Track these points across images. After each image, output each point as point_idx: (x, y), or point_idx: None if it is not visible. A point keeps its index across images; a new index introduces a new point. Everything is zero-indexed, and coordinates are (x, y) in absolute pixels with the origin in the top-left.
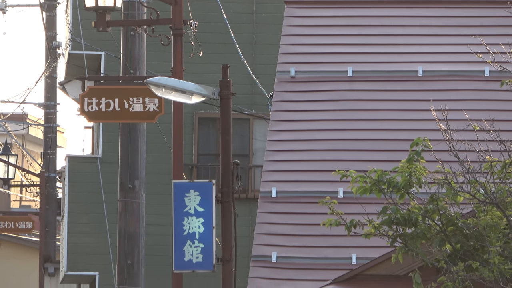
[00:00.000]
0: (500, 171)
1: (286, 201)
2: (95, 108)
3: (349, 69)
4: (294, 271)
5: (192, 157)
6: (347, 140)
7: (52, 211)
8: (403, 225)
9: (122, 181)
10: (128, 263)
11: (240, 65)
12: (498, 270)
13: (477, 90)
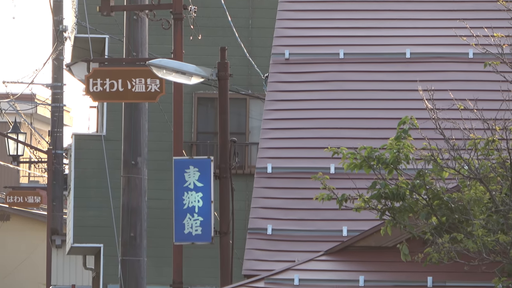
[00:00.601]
0: (484, 148)
1: (281, 177)
2: (99, 88)
3: (341, 51)
4: (288, 243)
5: (191, 135)
6: (339, 119)
7: (59, 186)
8: (392, 199)
9: (125, 158)
10: (131, 236)
11: (237, 47)
12: (481, 242)
13: (462, 71)
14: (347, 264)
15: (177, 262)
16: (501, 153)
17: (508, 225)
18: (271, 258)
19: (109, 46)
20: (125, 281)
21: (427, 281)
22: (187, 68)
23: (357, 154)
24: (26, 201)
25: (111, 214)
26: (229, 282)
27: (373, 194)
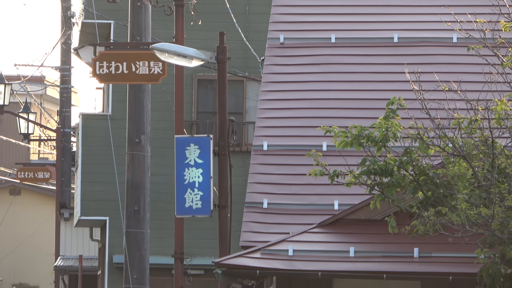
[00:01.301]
0: (467, 127)
1: (276, 154)
2: (105, 71)
3: (332, 36)
4: (283, 216)
5: (192, 115)
6: (331, 100)
7: (67, 163)
8: (380, 175)
9: (130, 136)
10: (135, 209)
11: (235, 32)
12: (465, 215)
13: (446, 55)
14: (338, 236)
15: (178, 234)
16: (483, 131)
17: (490, 200)
18: (267, 230)
19: (114, 31)
20: (129, 252)
21: (414, 252)
22: (188, 51)
23: (348, 133)
24: (36, 176)
25: (116, 189)
26: (227, 252)
27: (363, 170)
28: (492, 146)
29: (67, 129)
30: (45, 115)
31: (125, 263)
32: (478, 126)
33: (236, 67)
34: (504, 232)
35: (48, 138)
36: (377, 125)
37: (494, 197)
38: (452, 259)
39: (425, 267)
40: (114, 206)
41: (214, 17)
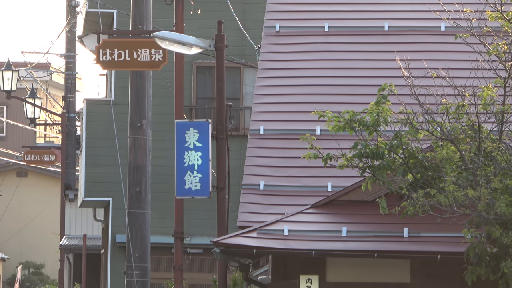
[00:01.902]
0: (454, 112)
1: (272, 138)
2: (108, 58)
3: (326, 24)
4: (278, 197)
5: (191, 100)
6: (324, 86)
7: (72, 146)
8: (372, 158)
9: (132, 120)
10: (137, 191)
11: (233, 21)
12: (452, 197)
13: (435, 43)
14: (331, 217)
15: (178, 215)
16: (470, 116)
17: (476, 182)
18: (263, 211)
19: (117, 20)
20: (131, 232)
21: (404, 232)
22: (187, 39)
23: (340, 117)
24: (42, 159)
25: (119, 171)
26: (225, 232)
27: (355, 153)
28: (478, 130)
29: (71, 113)
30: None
31: (127, 242)
32: (465, 111)
33: (233, 54)
34: (490, 213)
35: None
36: (369, 110)
37: (481, 179)
38: (440, 238)
39: (414, 246)
40: (117, 187)
41: (212, 7)
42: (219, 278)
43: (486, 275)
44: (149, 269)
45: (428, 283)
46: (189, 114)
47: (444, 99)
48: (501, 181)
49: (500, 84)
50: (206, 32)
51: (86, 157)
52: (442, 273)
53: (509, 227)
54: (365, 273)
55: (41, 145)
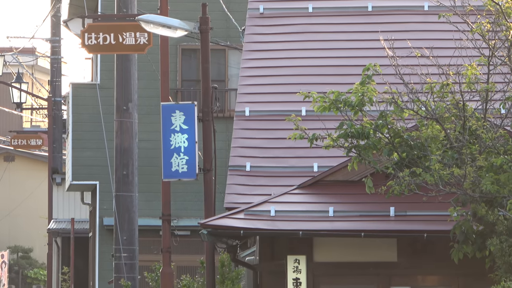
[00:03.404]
0: (439, 91)
1: (257, 119)
2: (94, 42)
3: (310, 5)
4: (265, 178)
5: (176, 83)
6: (309, 67)
7: (59, 130)
8: (357, 138)
9: (118, 104)
10: (124, 174)
11: (217, 3)
12: (438, 175)
13: (418, 22)
14: (318, 197)
15: (165, 197)
16: (455, 95)
17: (462, 160)
18: (250, 192)
19: (101, 4)
20: (119, 214)
21: (390, 211)
22: (172, 22)
23: (326, 98)
24: (29, 143)
25: (105, 154)
26: (212, 214)
27: (340, 133)
28: (463, 109)
29: (57, 98)
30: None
31: (115, 225)
32: (449, 90)
33: (218, 36)
34: (476, 191)
35: (40, 107)
36: (354, 90)
37: (466, 158)
38: (426, 217)
39: (400, 225)
40: (104, 170)
41: None
42: (207, 259)
43: (473, 253)
44: (137, 252)
45: (415, 262)
46: (175, 96)
47: (429, 78)
48: (486, 159)
49: (484, 62)
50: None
51: (73, 141)
52: (429, 252)
53: (495, 204)
54: (352, 253)
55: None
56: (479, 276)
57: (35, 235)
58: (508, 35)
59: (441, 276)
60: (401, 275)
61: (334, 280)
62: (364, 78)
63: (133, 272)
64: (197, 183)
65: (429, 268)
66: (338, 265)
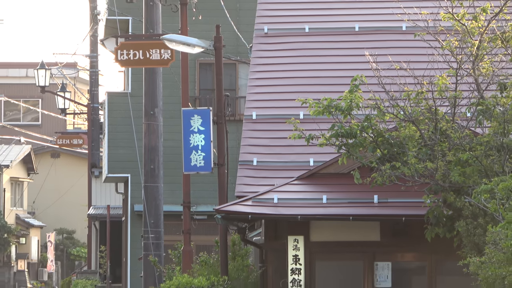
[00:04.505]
0: (415, 98)
1: (263, 122)
2: (125, 57)
3: (306, 26)
4: (269, 171)
5: (195, 91)
6: (306, 77)
7: (96, 131)
8: (346, 137)
9: (146, 109)
10: (151, 168)
11: (229, 25)
12: (414, 168)
13: (397, 40)
14: (314, 187)
15: (186, 187)
16: (428, 101)
17: (434, 155)
18: (257, 183)
19: (132, 25)
20: (147, 202)
21: (374, 199)
22: (191, 41)
23: (320, 104)
24: (72, 143)
25: (136, 151)
26: (225, 201)
27: (332, 133)
28: (435, 113)
29: (95, 104)
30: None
31: (144, 211)
32: (423, 97)
33: (229, 52)
34: (446, 182)
35: (81, 112)
36: (344, 97)
37: (437, 154)
38: (404, 203)
39: (383, 210)
40: (134, 165)
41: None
42: (221, 239)
43: (443, 233)
44: (162, 233)
45: (395, 241)
46: (194, 103)
47: (406, 87)
48: (455, 154)
49: (452, 74)
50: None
51: (109, 140)
52: (407, 232)
53: (462, 193)
54: (342, 233)
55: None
56: (449, 253)
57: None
58: (472, 51)
59: (416, 253)
60: (383, 252)
61: (327, 257)
62: (352, 87)
63: (159, 250)
64: (212, 176)
65: (406, 246)
66: (331, 244)
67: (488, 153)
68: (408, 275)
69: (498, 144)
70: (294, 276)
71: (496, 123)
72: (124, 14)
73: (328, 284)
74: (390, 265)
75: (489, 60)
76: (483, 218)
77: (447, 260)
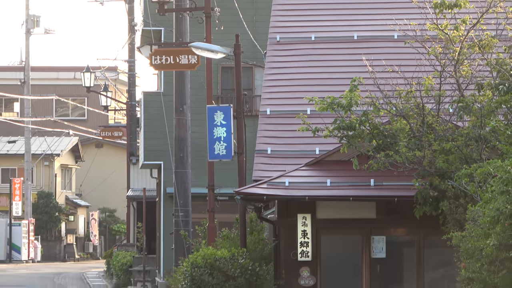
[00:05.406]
0: (405, 96)
1: (276, 116)
2: (158, 62)
3: (312, 35)
4: (281, 159)
5: (218, 91)
6: (312, 79)
7: (134, 125)
8: (347, 129)
9: (176, 106)
10: (181, 156)
11: (246, 34)
12: (405, 156)
13: (390, 47)
14: (319, 172)
15: (210, 172)
16: (416, 99)
17: (422, 145)
18: (270, 169)
19: (164, 35)
20: (177, 185)
21: (370, 182)
22: (215, 48)
23: (324, 101)
24: (113, 135)
25: (167, 142)
26: (244, 184)
27: (335, 126)
28: (422, 109)
29: (133, 102)
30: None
31: (174, 193)
32: (412, 96)
33: (247, 58)
34: (432, 167)
35: (120, 109)
36: (344, 95)
37: (425, 144)
38: (397, 186)
39: (378, 192)
40: (166, 154)
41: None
42: (240, 217)
43: (430, 211)
44: (190, 212)
45: (388, 218)
46: (217, 101)
47: (398, 87)
48: (439, 144)
49: (437, 75)
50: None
51: (144, 132)
52: (398, 211)
53: (445, 177)
54: (344, 212)
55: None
56: (434, 229)
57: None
58: (454, 56)
59: (407, 228)
60: (378, 228)
61: (331, 232)
62: (351, 87)
63: (188, 226)
64: (232, 162)
65: (398, 223)
66: (334, 221)
67: (468, 143)
68: (400, 247)
69: (476, 136)
70: (303, 248)
71: (474, 118)
72: (157, 25)
73: (331, 255)
74: (384, 238)
75: (468, 64)
76: (464, 199)
77: (433, 235)
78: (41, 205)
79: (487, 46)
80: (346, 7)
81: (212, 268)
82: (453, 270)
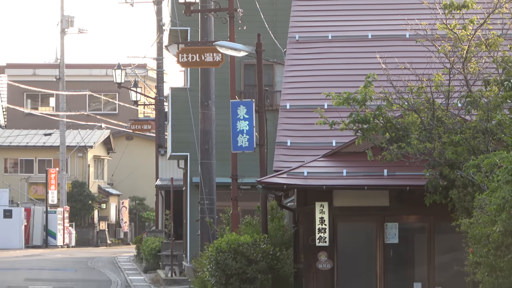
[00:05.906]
0: (416, 92)
1: (295, 110)
2: (185, 59)
3: (329, 34)
4: (300, 150)
5: (240, 87)
6: (329, 75)
7: (162, 119)
8: (362, 123)
9: (202, 101)
10: (206, 148)
11: (267, 34)
12: (416, 148)
13: (402, 45)
14: (336, 163)
15: (233, 163)
16: (427, 94)
17: (432, 138)
18: (290, 160)
19: (190, 34)
20: (203, 175)
21: (384, 172)
22: (238, 46)
23: (341, 96)
24: (142, 128)
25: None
26: (265, 174)
27: (350, 120)
28: (432, 103)
29: (161, 97)
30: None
31: (200, 182)
32: (423, 91)
33: (268, 55)
34: (441, 158)
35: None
36: (359, 91)
37: (435, 136)
38: (408, 176)
39: (391, 181)
40: (192, 146)
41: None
42: (262, 205)
43: (439, 200)
44: (214, 200)
45: (401, 206)
46: (240, 96)
47: (409, 83)
48: (448, 137)
49: (446, 72)
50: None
51: (172, 126)
52: (410, 199)
53: (454, 167)
54: (359, 200)
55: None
56: (444, 216)
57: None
58: (462, 54)
59: (418, 215)
60: (391, 215)
61: (347, 219)
62: (366, 83)
63: (212, 213)
64: (254, 154)
65: (410, 210)
66: (350, 208)
67: (475, 136)
68: (411, 233)
69: (483, 128)
70: (320, 234)
71: (481, 112)
72: (184, 25)
73: (347, 241)
74: (397, 225)
75: (476, 61)
76: (472, 188)
77: (443, 221)
78: (75, 193)
79: (493, 44)
80: (361, 8)
81: (236, 252)
82: (462, 255)
